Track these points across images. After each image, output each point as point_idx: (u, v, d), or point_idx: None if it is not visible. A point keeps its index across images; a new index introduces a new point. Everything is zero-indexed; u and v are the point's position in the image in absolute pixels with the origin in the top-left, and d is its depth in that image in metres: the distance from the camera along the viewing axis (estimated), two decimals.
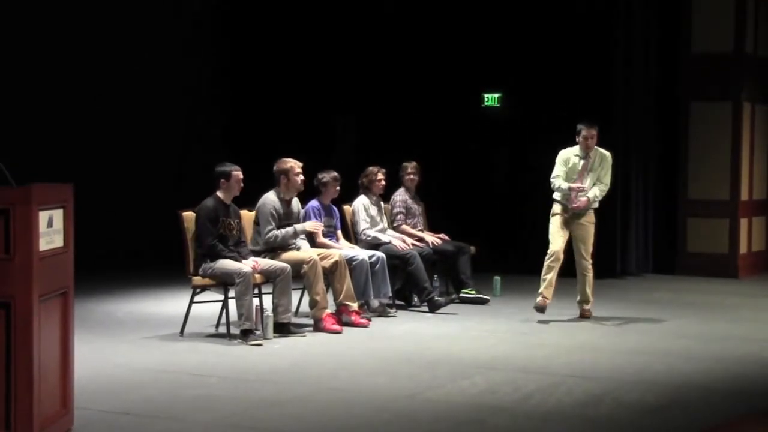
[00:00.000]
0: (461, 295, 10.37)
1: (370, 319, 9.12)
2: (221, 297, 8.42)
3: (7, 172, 5.09)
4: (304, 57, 14.39)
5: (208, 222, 8.22)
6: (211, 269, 8.22)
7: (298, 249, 8.89)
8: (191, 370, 7.11)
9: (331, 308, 8.85)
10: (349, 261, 9.12)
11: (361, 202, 10.04)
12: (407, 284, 10.06)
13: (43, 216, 5.02)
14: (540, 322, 9.31)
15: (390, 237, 10.06)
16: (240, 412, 5.97)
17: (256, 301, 8.31)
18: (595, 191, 9.43)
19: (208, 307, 8.76)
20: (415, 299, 10.12)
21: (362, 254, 9.34)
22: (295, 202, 9.05)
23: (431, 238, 10.38)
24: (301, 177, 8.90)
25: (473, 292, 10.37)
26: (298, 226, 8.89)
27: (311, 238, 9.24)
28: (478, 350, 7.94)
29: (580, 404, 6.24)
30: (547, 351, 7.92)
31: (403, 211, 10.43)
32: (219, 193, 8.37)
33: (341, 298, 8.91)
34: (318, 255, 8.79)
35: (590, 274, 9.51)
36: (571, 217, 9.42)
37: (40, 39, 12.31)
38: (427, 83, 13.84)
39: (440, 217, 11.28)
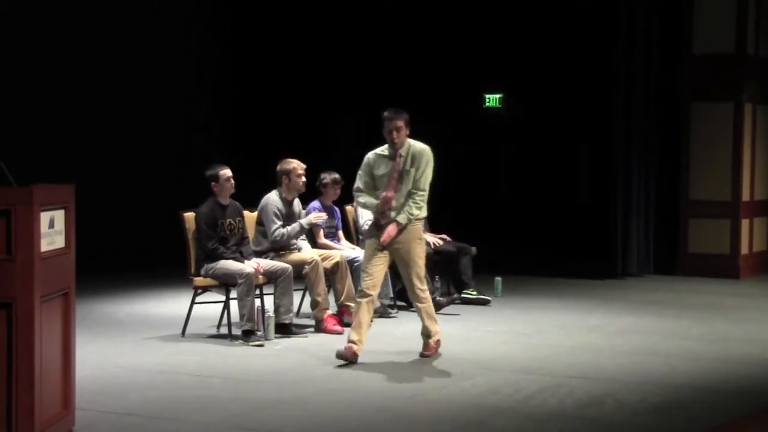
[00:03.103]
0: (462, 295, 10.37)
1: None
2: (223, 298, 8.43)
3: (8, 172, 5.09)
4: (305, 58, 14.40)
5: (205, 226, 8.24)
6: (212, 270, 8.23)
7: (299, 250, 8.89)
8: (192, 370, 7.11)
9: (332, 309, 8.85)
10: (351, 262, 9.12)
11: None
12: None
13: (45, 217, 5.02)
14: (541, 322, 9.31)
15: None
16: (241, 413, 5.97)
17: (257, 301, 8.31)
18: (408, 209, 7.27)
19: (209, 308, 8.77)
20: None
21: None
22: (297, 203, 9.05)
23: (432, 238, 10.37)
24: (303, 179, 8.91)
25: (474, 292, 10.37)
26: (303, 221, 8.89)
27: (313, 238, 9.25)
28: (479, 351, 7.94)
29: (581, 405, 6.23)
30: (548, 352, 7.92)
31: None
32: (214, 196, 8.38)
33: (342, 298, 8.90)
34: (319, 256, 8.79)
35: (427, 304, 7.50)
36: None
37: (40, 39, 12.32)
38: (428, 84, 13.85)
39: (441, 218, 11.28)
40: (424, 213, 7.40)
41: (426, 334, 7.57)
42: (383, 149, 7.42)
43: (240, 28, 14.84)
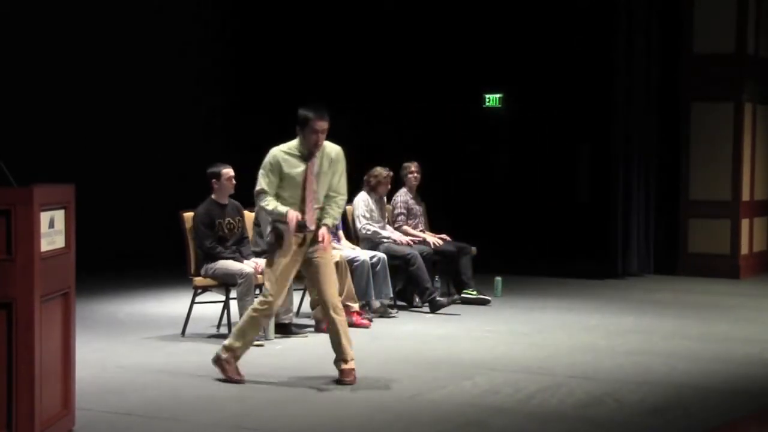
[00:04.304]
0: (462, 295, 10.37)
1: (371, 320, 9.12)
2: (222, 297, 8.43)
3: (8, 172, 5.09)
4: (305, 58, 14.39)
5: (202, 227, 8.25)
6: (212, 270, 8.23)
7: None
8: (192, 370, 7.11)
9: None
10: (351, 262, 9.13)
11: (362, 198, 10.03)
12: (409, 285, 10.07)
13: (45, 217, 5.02)
14: (541, 322, 9.31)
15: (390, 233, 10.05)
16: (241, 413, 5.97)
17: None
18: (333, 212, 6.76)
19: (209, 308, 8.77)
20: (417, 300, 10.13)
21: (363, 255, 9.34)
22: None
23: (432, 238, 10.38)
24: None
25: (474, 292, 10.37)
26: None
27: None
28: (479, 351, 7.94)
29: (581, 405, 6.23)
30: (548, 351, 7.92)
31: (404, 212, 10.43)
32: (213, 195, 8.39)
33: (342, 298, 8.87)
34: None
35: (343, 319, 6.79)
36: (303, 245, 6.73)
37: (40, 39, 12.31)
38: (428, 84, 13.85)
39: (441, 218, 11.29)
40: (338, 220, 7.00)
41: (343, 358, 6.76)
42: (291, 147, 6.75)
43: (240, 27, 14.84)
